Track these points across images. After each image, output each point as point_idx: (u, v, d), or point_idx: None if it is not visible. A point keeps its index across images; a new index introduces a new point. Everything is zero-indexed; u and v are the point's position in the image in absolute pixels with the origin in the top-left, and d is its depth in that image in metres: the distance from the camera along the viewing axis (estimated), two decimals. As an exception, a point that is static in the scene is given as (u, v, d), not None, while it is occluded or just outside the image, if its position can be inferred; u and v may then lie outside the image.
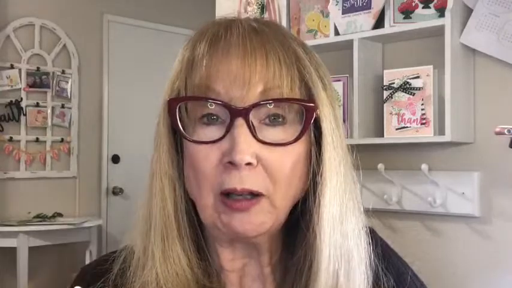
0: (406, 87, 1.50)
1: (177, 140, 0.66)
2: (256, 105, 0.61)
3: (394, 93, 1.52)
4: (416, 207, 1.57)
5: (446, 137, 1.43)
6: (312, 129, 0.65)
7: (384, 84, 1.55)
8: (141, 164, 4.35)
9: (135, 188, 4.52)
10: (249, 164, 0.60)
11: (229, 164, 0.60)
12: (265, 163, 0.61)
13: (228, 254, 0.68)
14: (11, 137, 3.98)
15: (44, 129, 4.13)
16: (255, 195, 0.62)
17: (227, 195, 0.62)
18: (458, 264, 1.52)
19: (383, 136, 1.55)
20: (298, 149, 0.63)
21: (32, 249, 3.64)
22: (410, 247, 1.56)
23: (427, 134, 1.48)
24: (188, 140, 0.63)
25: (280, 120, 0.63)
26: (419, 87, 1.49)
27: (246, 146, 0.60)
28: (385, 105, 1.54)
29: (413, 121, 1.49)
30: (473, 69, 1.50)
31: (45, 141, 4.13)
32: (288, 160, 0.62)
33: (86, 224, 3.87)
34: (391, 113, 1.53)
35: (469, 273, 1.50)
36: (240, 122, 0.60)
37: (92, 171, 4.37)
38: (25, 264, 3.58)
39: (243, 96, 0.61)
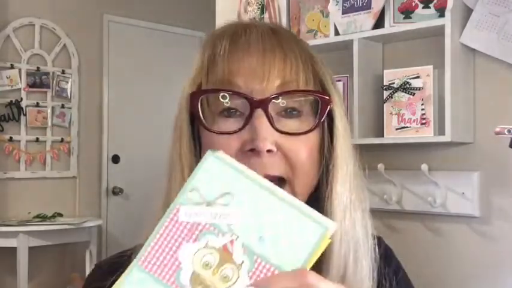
0: (406, 87, 1.50)
1: (195, 133, 0.70)
2: (275, 97, 0.65)
3: (394, 93, 1.52)
4: (416, 207, 1.57)
5: (446, 137, 1.43)
6: (325, 122, 0.70)
7: (384, 84, 1.55)
8: (141, 164, 4.41)
9: (135, 188, 4.52)
10: (269, 151, 0.64)
11: (251, 152, 0.64)
12: (284, 150, 0.66)
13: None
14: (11, 137, 3.98)
15: (44, 129, 4.13)
16: (277, 180, 0.65)
17: None
18: (458, 264, 1.52)
19: (383, 136, 1.55)
20: (313, 138, 0.68)
21: (32, 249, 3.64)
22: (410, 247, 1.56)
23: (427, 134, 1.48)
24: (210, 131, 0.67)
25: (295, 113, 0.68)
26: (419, 87, 1.49)
27: (267, 134, 0.64)
28: (385, 105, 1.54)
29: (413, 121, 1.49)
30: (473, 69, 1.50)
31: (45, 141, 4.13)
32: (304, 148, 0.67)
33: (86, 224, 3.87)
34: (391, 113, 1.53)
35: (469, 273, 1.50)
36: (259, 112, 0.65)
37: (92, 171, 4.37)
38: (25, 264, 3.58)
39: (262, 89, 0.66)
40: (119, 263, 0.71)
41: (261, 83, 0.65)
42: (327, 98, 0.68)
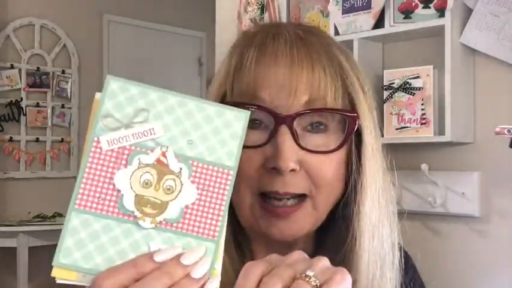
0: (406, 87, 1.50)
1: None
2: (301, 114, 0.63)
3: (394, 93, 1.52)
4: (416, 207, 1.57)
5: (446, 137, 1.43)
6: (353, 137, 0.67)
7: (384, 84, 1.55)
8: (141, 164, 4.31)
9: (135, 188, 4.52)
10: (292, 170, 0.62)
11: (273, 170, 0.63)
12: (308, 168, 0.64)
13: (261, 251, 0.69)
14: (11, 137, 3.98)
15: (44, 129, 4.13)
16: (298, 196, 0.64)
17: (265, 195, 0.64)
18: (458, 264, 1.52)
19: (383, 136, 1.55)
20: (339, 156, 0.66)
21: (32, 249, 3.64)
22: (410, 247, 1.55)
23: (427, 134, 1.48)
24: None
25: (322, 127, 0.65)
26: (419, 87, 1.49)
27: (290, 154, 0.62)
28: (385, 105, 1.54)
29: (413, 121, 1.49)
30: (473, 69, 1.50)
31: (45, 141, 4.13)
32: (329, 166, 0.65)
33: (86, 224, 3.87)
34: (391, 113, 1.53)
35: (469, 273, 1.50)
36: (284, 129, 0.63)
37: (92, 171, 4.37)
38: (25, 264, 3.58)
39: (288, 105, 0.63)
40: None
41: (288, 99, 0.63)
42: (355, 115, 0.66)
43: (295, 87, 0.63)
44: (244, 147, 0.64)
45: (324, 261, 0.53)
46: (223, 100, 0.67)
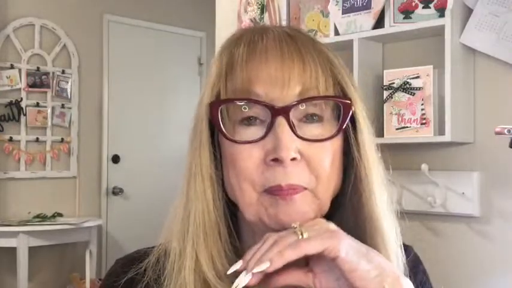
0: (406, 87, 1.50)
1: (215, 143, 0.69)
2: (296, 104, 0.64)
3: (394, 93, 1.52)
4: (416, 207, 1.57)
5: (446, 137, 1.43)
6: (348, 126, 0.68)
7: (384, 84, 1.55)
8: (141, 164, 4.41)
9: (135, 188, 4.52)
10: (293, 159, 0.63)
11: (274, 162, 0.63)
12: (307, 158, 0.65)
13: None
14: (11, 137, 3.98)
15: (44, 129, 4.13)
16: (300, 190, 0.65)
17: (270, 192, 0.64)
18: (458, 264, 1.52)
19: (383, 136, 1.55)
20: (336, 144, 0.67)
21: (32, 249, 3.64)
22: (410, 247, 1.55)
23: (427, 134, 1.48)
24: (231, 141, 0.66)
25: (317, 118, 0.67)
26: (419, 87, 1.49)
27: (289, 143, 0.63)
28: (385, 105, 1.54)
29: (413, 121, 1.49)
30: (473, 69, 1.50)
31: (45, 141, 4.13)
32: (327, 154, 0.66)
33: (86, 224, 3.87)
34: (391, 113, 1.53)
35: (468, 273, 1.50)
36: (281, 120, 0.64)
37: (92, 171, 4.37)
38: (25, 264, 3.58)
39: (283, 97, 0.65)
40: (136, 259, 0.72)
41: (281, 91, 0.64)
42: (349, 102, 0.67)
43: (287, 79, 0.65)
44: (243, 142, 0.64)
45: (324, 224, 0.62)
46: (217, 100, 0.68)
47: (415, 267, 0.79)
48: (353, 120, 0.68)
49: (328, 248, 0.59)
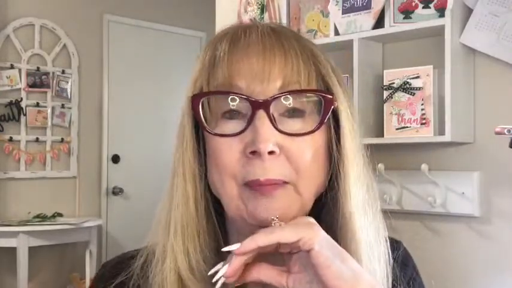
0: (406, 87, 1.50)
1: (200, 138, 0.68)
2: (276, 97, 0.64)
3: (394, 93, 1.52)
4: (416, 207, 1.57)
5: (446, 137, 1.43)
6: (331, 122, 0.67)
7: (384, 84, 1.55)
8: (141, 164, 4.40)
9: (135, 188, 4.52)
10: (271, 152, 0.63)
11: (252, 155, 0.63)
12: (287, 153, 0.64)
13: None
14: (11, 137, 3.98)
15: (44, 129, 4.13)
16: (280, 184, 0.64)
17: (251, 187, 0.64)
18: (458, 264, 1.52)
19: (383, 136, 1.55)
20: (318, 139, 0.66)
21: (32, 249, 3.64)
22: (410, 247, 1.55)
23: (427, 134, 1.48)
24: (211, 134, 0.65)
25: (298, 113, 0.66)
26: (419, 87, 1.49)
27: (268, 135, 0.62)
28: (385, 105, 1.54)
29: (413, 121, 1.49)
30: (473, 69, 1.50)
31: (45, 141, 4.13)
32: (308, 149, 0.65)
33: (86, 224, 3.87)
34: (391, 113, 1.53)
35: (469, 273, 1.50)
36: (261, 114, 0.63)
37: (92, 171, 4.37)
38: (25, 264, 3.58)
39: (263, 90, 0.64)
40: (123, 261, 0.72)
41: (262, 84, 0.64)
42: (330, 96, 0.66)
43: (268, 72, 0.64)
44: (224, 135, 0.64)
45: (302, 218, 0.64)
46: (198, 93, 0.68)
47: (405, 263, 0.78)
48: (337, 116, 0.68)
49: (303, 238, 0.58)
